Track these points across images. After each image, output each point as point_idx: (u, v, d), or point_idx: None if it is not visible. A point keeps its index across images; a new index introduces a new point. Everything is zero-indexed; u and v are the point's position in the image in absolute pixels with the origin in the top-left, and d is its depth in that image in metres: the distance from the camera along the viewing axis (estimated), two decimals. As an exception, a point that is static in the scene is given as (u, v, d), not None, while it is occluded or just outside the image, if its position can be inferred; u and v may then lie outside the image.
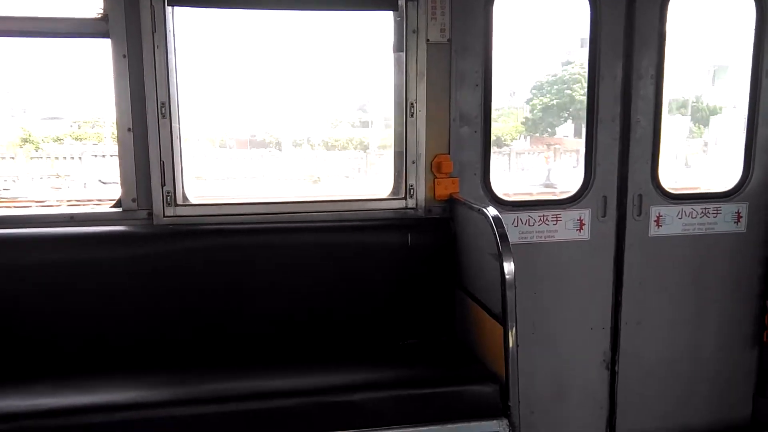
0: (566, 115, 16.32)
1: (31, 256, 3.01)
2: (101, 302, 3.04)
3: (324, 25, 3.55)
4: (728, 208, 3.75)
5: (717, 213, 3.75)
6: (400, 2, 3.28)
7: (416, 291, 3.30)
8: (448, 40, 3.33)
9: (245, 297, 3.17)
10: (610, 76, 3.53)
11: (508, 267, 2.65)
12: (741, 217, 3.77)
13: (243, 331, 3.17)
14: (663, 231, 3.70)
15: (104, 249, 3.07)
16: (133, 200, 3.19)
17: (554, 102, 16.26)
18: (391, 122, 3.48)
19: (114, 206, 3.23)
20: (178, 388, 2.67)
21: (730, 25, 3.90)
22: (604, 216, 3.64)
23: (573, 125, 16.43)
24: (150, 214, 3.20)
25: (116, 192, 3.22)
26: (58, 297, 3.00)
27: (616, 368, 3.78)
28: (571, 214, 3.61)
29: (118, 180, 3.21)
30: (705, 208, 3.73)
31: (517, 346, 2.68)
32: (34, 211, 3.20)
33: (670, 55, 3.58)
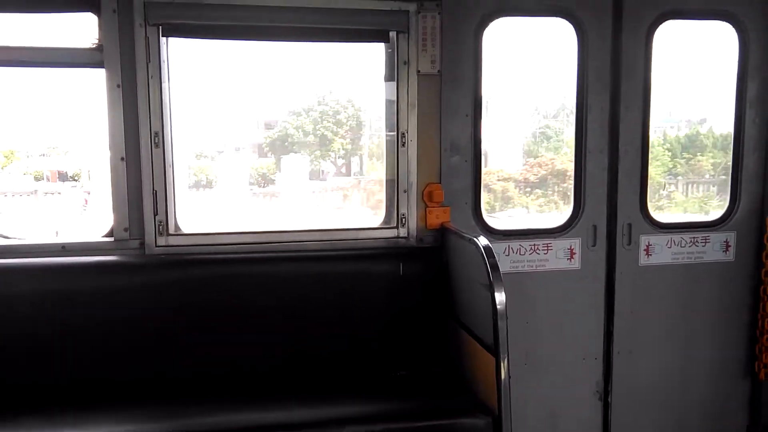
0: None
1: (21, 287, 2.98)
2: (93, 333, 3.00)
3: (317, 56, 3.60)
4: (717, 237, 3.79)
5: (706, 242, 3.78)
6: (391, 35, 3.34)
7: (408, 321, 3.29)
8: (439, 71, 3.38)
9: (237, 326, 3.14)
10: (598, 107, 3.59)
11: (500, 297, 2.66)
12: (729, 246, 3.80)
13: (235, 360, 3.14)
14: (653, 260, 3.72)
15: (96, 279, 3.05)
16: (125, 230, 3.18)
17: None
18: (375, 154, 3.50)
19: (106, 236, 3.22)
20: (169, 422, 2.64)
21: (713, 59, 3.96)
22: (594, 245, 3.66)
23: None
24: (142, 244, 3.19)
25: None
26: (49, 328, 2.97)
27: (609, 399, 3.76)
28: (561, 244, 3.63)
29: (111, 209, 3.20)
30: (693, 237, 3.76)
31: (509, 377, 2.67)
32: (25, 241, 3.17)
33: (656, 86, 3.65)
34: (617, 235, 3.67)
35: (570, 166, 3.71)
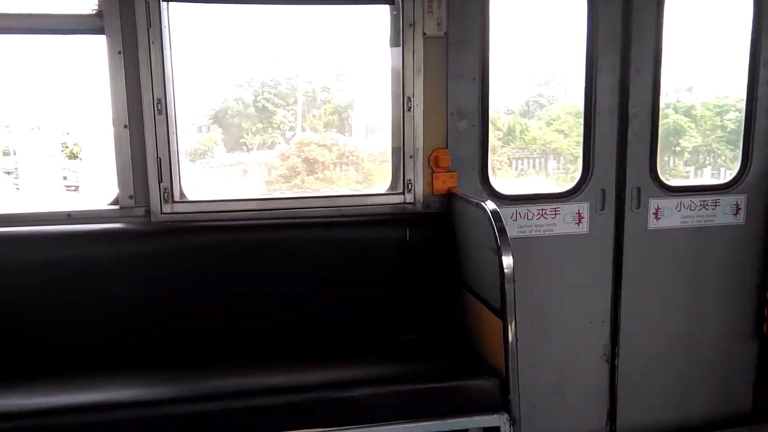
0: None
1: (28, 254, 2.99)
2: (99, 300, 3.02)
3: (321, 19, 3.53)
4: (727, 200, 3.75)
5: (716, 205, 3.74)
6: (396, -4, 3.27)
7: (415, 286, 3.30)
8: (445, 33, 3.32)
9: (244, 293, 3.16)
10: (608, 68, 3.52)
11: (507, 261, 2.65)
12: (740, 209, 3.77)
13: (242, 327, 3.16)
14: (662, 224, 3.69)
15: (102, 246, 3.05)
16: (130, 197, 3.18)
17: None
18: (375, 128, 3.46)
19: (111, 204, 3.22)
20: (178, 386, 2.66)
21: (727, 16, 3.87)
22: (602, 209, 3.64)
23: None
24: (147, 212, 3.18)
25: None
26: (56, 295, 2.99)
27: (616, 361, 3.78)
28: (569, 208, 3.61)
29: (115, 176, 3.20)
30: (703, 201, 3.73)
31: (517, 339, 2.67)
32: (31, 208, 3.18)
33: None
34: (626, 199, 3.64)
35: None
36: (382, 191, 3.50)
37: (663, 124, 3.64)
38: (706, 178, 4.22)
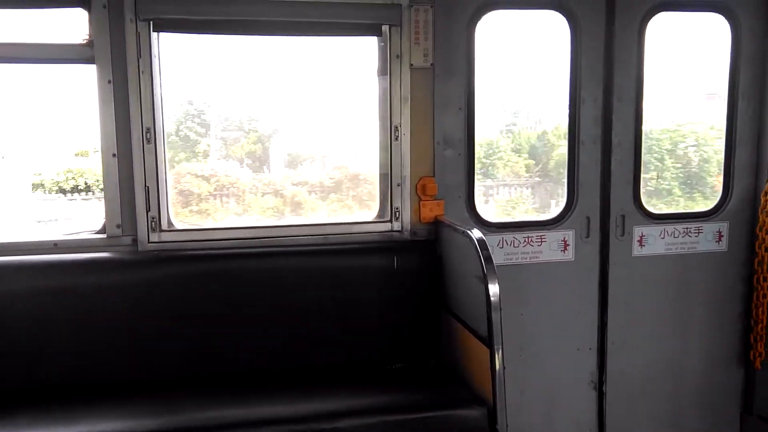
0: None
1: (14, 284, 2.97)
2: (86, 330, 3.00)
3: (310, 49, 3.59)
4: (709, 228, 3.81)
5: (699, 232, 3.80)
6: (383, 28, 3.33)
7: (403, 314, 3.30)
8: (431, 64, 3.38)
9: (230, 322, 3.14)
10: (591, 98, 3.59)
11: (494, 289, 2.66)
12: (722, 236, 3.82)
13: (229, 356, 3.14)
14: (646, 251, 3.74)
15: (88, 276, 3.04)
16: (118, 226, 3.17)
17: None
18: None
19: (98, 232, 3.21)
20: (163, 418, 2.63)
21: (706, 50, 3.97)
22: (587, 237, 3.67)
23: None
24: (135, 240, 3.18)
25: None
26: (42, 325, 2.96)
27: (604, 389, 3.78)
28: (555, 235, 3.64)
29: (103, 205, 3.19)
30: (687, 228, 3.78)
31: (504, 368, 2.67)
32: (17, 238, 3.16)
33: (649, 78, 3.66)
34: (611, 227, 3.68)
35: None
36: (370, 219, 3.52)
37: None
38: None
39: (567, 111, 3.63)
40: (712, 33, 3.77)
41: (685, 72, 4.09)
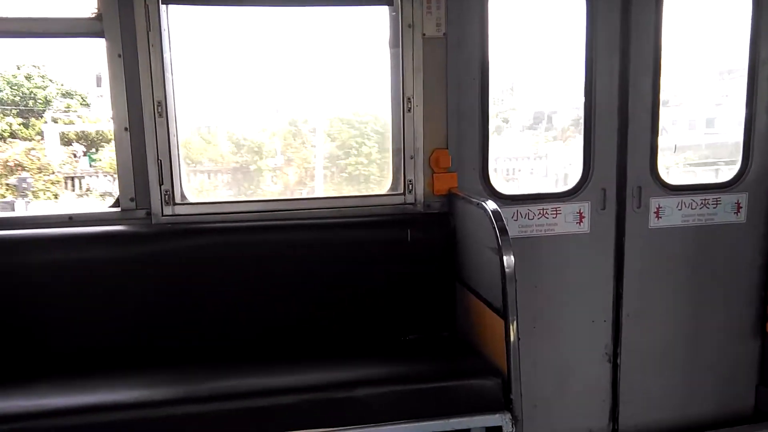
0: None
1: (30, 258, 3.00)
2: (101, 302, 3.03)
3: (321, 20, 3.55)
4: (728, 199, 3.75)
5: (717, 204, 3.74)
6: (395, -3, 3.27)
7: (417, 286, 3.30)
8: (444, 34, 3.32)
9: (245, 295, 3.16)
10: (607, 70, 3.53)
11: (508, 261, 2.65)
12: (741, 207, 3.76)
13: (243, 328, 3.16)
14: (663, 222, 3.69)
15: (103, 249, 3.06)
16: (131, 200, 3.18)
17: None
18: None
19: (112, 206, 3.23)
20: (179, 387, 2.66)
21: (726, 17, 3.88)
22: (603, 208, 3.64)
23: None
24: (148, 214, 3.19)
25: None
26: (58, 298, 3.00)
27: (618, 361, 3.77)
28: (570, 207, 3.61)
29: (116, 179, 3.21)
30: (704, 199, 3.72)
31: (519, 339, 2.67)
32: (32, 212, 3.18)
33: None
34: (627, 198, 3.64)
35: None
36: (383, 192, 3.50)
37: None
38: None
39: (583, 82, 3.57)
40: (732, 5, 3.67)
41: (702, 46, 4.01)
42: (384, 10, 3.37)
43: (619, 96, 3.57)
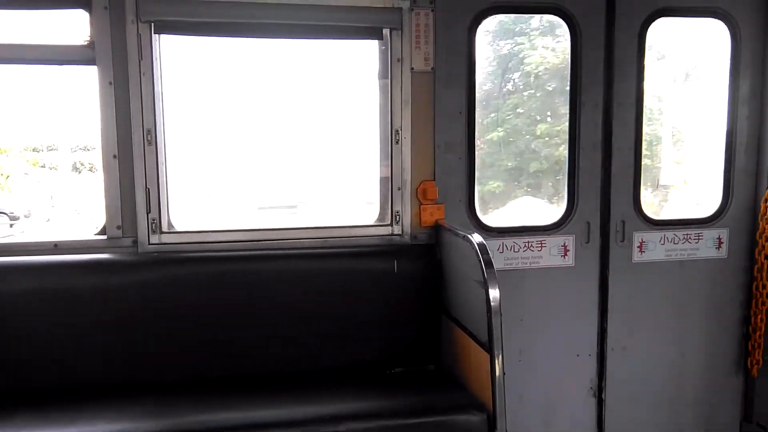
0: None
1: (14, 285, 2.96)
2: (86, 331, 2.99)
3: (312, 52, 3.61)
4: (709, 234, 3.80)
5: (699, 239, 3.79)
6: (384, 32, 3.33)
7: (403, 318, 3.29)
8: (432, 68, 3.38)
9: (231, 325, 3.13)
10: (591, 103, 3.59)
11: (494, 294, 2.66)
12: (722, 242, 3.82)
13: (229, 359, 3.13)
14: (646, 257, 3.73)
15: (88, 277, 3.03)
16: (118, 228, 3.16)
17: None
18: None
19: (98, 234, 3.21)
20: (164, 420, 2.62)
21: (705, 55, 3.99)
22: (587, 242, 3.67)
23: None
24: (135, 242, 3.17)
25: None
26: (42, 326, 2.96)
27: (603, 395, 3.77)
28: (555, 240, 3.64)
29: (103, 207, 3.19)
30: (687, 234, 3.78)
31: (504, 374, 2.67)
32: (17, 239, 3.15)
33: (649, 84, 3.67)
34: (611, 232, 3.68)
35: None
36: (370, 222, 3.51)
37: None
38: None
39: (567, 116, 3.64)
40: (712, 39, 3.78)
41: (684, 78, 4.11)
42: (373, 44, 3.43)
43: (603, 130, 3.63)
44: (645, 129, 3.69)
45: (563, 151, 3.71)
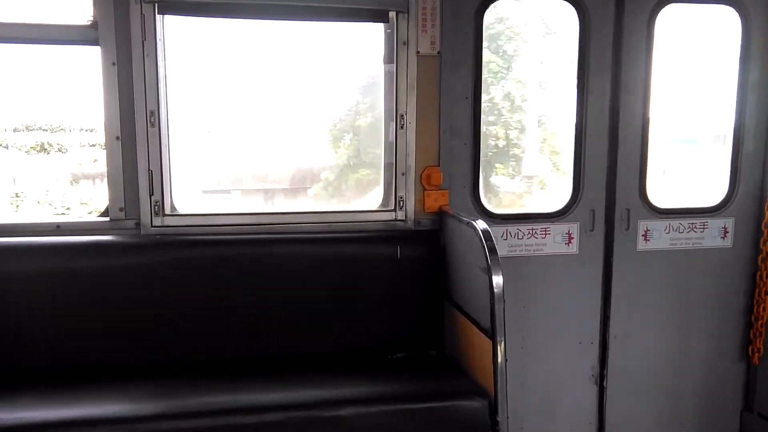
0: None
1: (16, 266, 2.96)
2: (87, 313, 2.99)
3: (316, 34, 3.58)
4: (715, 223, 3.78)
5: (704, 228, 3.77)
6: (390, 14, 3.29)
7: (405, 304, 3.29)
8: (438, 52, 3.34)
9: (233, 308, 3.14)
10: (599, 90, 3.56)
11: (497, 280, 2.65)
12: (728, 232, 3.80)
13: (230, 342, 3.14)
14: (651, 245, 3.72)
15: (91, 259, 3.02)
16: (121, 209, 3.15)
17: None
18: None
19: (101, 215, 3.20)
20: (166, 402, 2.63)
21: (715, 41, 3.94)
22: (592, 230, 3.65)
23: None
24: (138, 224, 3.16)
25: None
26: (44, 307, 2.96)
27: (605, 383, 3.78)
28: (559, 228, 3.62)
29: (106, 188, 3.18)
30: (692, 223, 3.76)
31: (506, 360, 2.67)
32: (20, 219, 3.15)
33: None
34: (616, 220, 3.66)
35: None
36: (374, 208, 3.50)
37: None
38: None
39: (575, 103, 3.60)
40: (723, 27, 3.73)
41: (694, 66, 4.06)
42: (379, 27, 3.39)
43: (609, 118, 3.60)
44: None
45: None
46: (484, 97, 3.50)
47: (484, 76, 3.47)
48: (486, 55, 3.50)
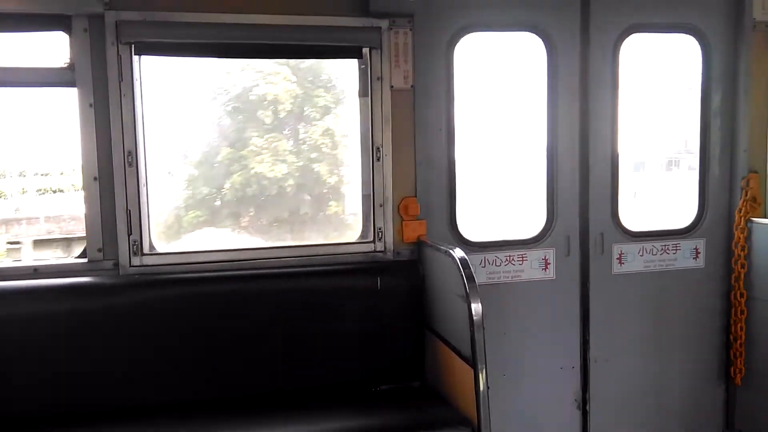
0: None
1: None
2: (68, 356, 2.95)
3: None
4: (687, 245, 3.87)
5: (676, 249, 3.86)
6: (364, 51, 3.37)
7: (387, 334, 3.30)
8: (412, 86, 3.42)
9: (215, 346, 3.12)
10: (567, 118, 3.66)
11: (476, 308, 2.68)
12: (699, 252, 3.88)
13: (212, 380, 3.11)
14: (625, 268, 3.79)
15: (70, 301, 2.99)
16: (99, 250, 3.14)
17: None
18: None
19: (79, 257, 3.18)
20: None
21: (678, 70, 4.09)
22: (568, 255, 3.71)
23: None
24: (116, 264, 3.15)
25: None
26: (22, 352, 2.91)
27: (588, 407, 3.79)
28: (536, 254, 3.68)
29: (84, 229, 3.16)
30: (664, 245, 3.84)
31: (488, 388, 2.68)
32: (-4, 263, 3.11)
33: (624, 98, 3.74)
34: (590, 245, 3.72)
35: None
36: (353, 240, 3.53)
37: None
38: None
39: (545, 130, 3.69)
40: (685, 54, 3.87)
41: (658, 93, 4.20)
42: (353, 63, 3.46)
43: (579, 144, 3.69)
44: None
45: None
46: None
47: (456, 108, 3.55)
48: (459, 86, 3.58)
